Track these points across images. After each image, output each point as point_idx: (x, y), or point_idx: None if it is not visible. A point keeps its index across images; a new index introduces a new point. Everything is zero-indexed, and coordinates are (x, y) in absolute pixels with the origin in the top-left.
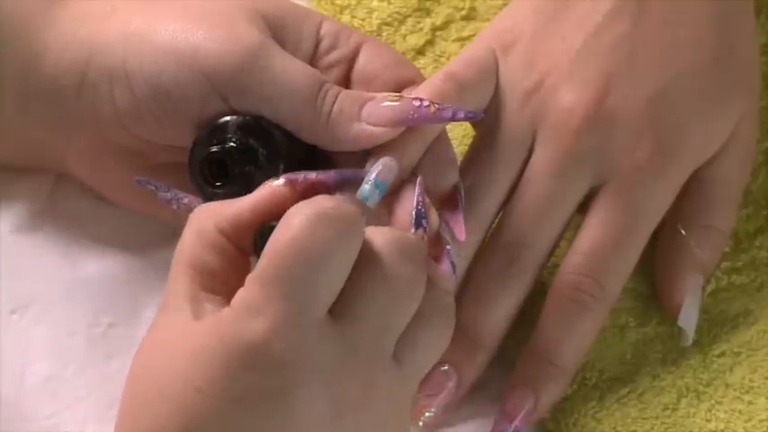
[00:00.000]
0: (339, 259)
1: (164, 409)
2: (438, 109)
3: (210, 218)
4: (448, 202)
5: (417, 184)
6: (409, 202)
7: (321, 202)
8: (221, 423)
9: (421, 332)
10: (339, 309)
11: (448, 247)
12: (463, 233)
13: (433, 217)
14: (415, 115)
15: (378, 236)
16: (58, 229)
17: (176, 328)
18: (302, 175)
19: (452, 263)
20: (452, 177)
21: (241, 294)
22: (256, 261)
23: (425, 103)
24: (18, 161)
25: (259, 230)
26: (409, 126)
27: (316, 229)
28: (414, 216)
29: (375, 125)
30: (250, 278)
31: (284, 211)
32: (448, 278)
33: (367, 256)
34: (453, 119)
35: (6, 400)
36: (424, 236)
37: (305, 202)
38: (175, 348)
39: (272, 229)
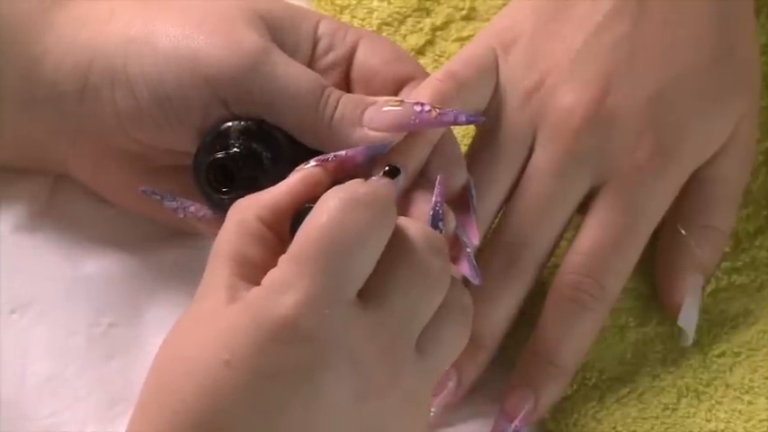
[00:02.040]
0: (372, 243)
1: (190, 386)
2: (439, 113)
3: (249, 208)
4: (459, 203)
5: (437, 184)
6: (424, 204)
7: (355, 187)
8: (248, 398)
9: (444, 326)
10: (369, 292)
11: (468, 249)
12: (477, 236)
13: (450, 219)
14: (417, 120)
15: (410, 225)
16: (58, 230)
17: (208, 311)
18: (332, 155)
19: (473, 265)
20: (461, 177)
21: (272, 273)
22: None
23: (426, 108)
24: (18, 163)
25: (296, 214)
26: (411, 131)
27: (350, 213)
28: (431, 217)
29: (377, 130)
30: (282, 258)
31: (319, 193)
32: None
33: (400, 243)
34: (455, 123)
35: (6, 400)
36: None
37: (339, 186)
38: (205, 328)
39: (308, 210)
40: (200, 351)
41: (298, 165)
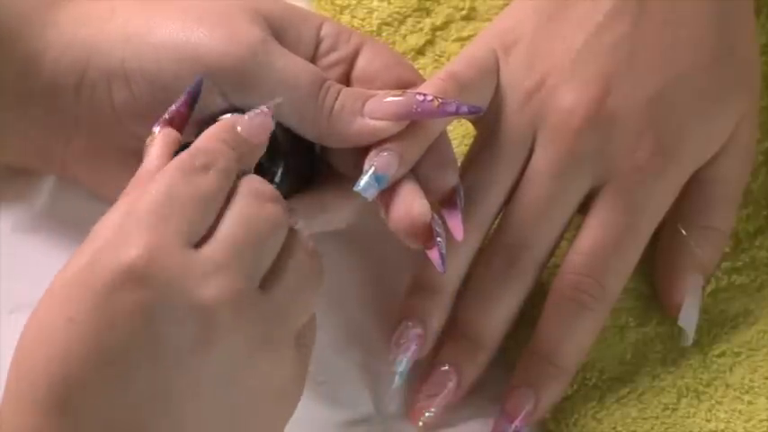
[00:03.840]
0: (207, 200)
1: (41, 353)
2: (441, 103)
3: None
4: (447, 202)
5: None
6: (405, 202)
7: (190, 154)
8: (93, 352)
9: (286, 263)
10: (207, 233)
11: (439, 239)
12: (461, 233)
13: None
14: (419, 109)
15: (244, 181)
16: (58, 229)
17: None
18: (168, 112)
19: (442, 254)
20: (452, 179)
21: (109, 226)
22: None
23: (429, 98)
24: (18, 162)
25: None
26: (412, 120)
27: (182, 180)
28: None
29: (378, 120)
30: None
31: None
32: (438, 267)
33: (231, 193)
34: (457, 113)
35: None
36: None
37: (178, 157)
38: (51, 287)
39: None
40: (47, 313)
41: (294, 159)
